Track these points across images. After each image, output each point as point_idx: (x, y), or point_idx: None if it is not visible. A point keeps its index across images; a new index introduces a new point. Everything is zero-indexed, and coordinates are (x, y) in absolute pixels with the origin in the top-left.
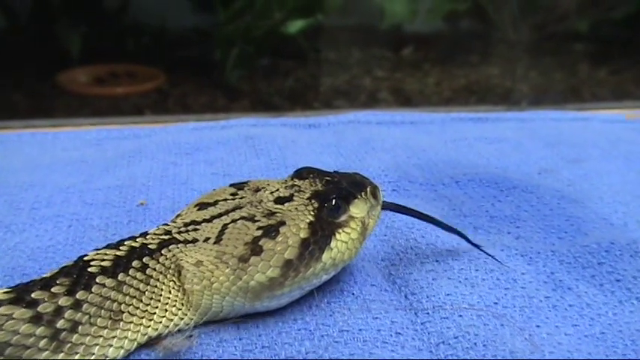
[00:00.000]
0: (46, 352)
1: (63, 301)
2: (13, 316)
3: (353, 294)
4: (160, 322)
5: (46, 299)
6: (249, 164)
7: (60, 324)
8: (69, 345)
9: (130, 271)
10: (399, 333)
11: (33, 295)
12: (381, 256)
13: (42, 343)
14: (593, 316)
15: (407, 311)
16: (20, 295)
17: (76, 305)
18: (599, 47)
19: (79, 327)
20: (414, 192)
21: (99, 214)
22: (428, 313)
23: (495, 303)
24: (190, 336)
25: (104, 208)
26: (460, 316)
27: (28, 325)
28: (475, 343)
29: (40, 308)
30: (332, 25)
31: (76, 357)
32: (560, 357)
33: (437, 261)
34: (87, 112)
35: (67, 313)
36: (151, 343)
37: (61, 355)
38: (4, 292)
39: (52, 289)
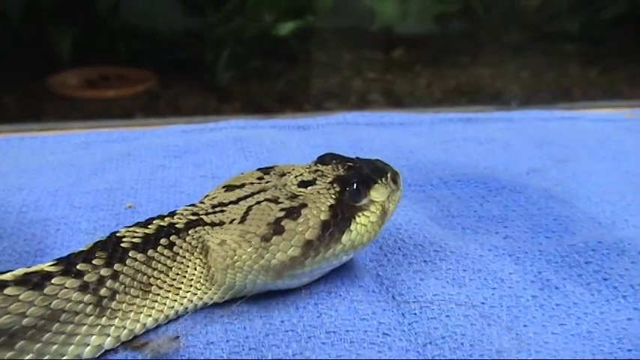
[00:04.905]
0: (92, 318)
1: (104, 271)
2: (66, 285)
3: (340, 295)
4: (185, 297)
5: (89, 270)
6: (237, 166)
7: (103, 292)
8: (109, 310)
9: (159, 248)
10: (387, 334)
11: (79, 267)
12: (369, 257)
13: (89, 309)
14: (580, 315)
15: (394, 312)
16: (67, 267)
17: (114, 276)
18: (589, 47)
19: (117, 295)
20: (402, 193)
21: (87, 217)
22: (415, 314)
23: (483, 303)
24: (177, 337)
25: (92, 211)
26: (447, 316)
27: (78, 293)
28: (462, 343)
29: (86, 278)
30: (323, 27)
31: (116, 321)
32: (547, 356)
33: (424, 261)
34: (77, 114)
35: (108, 283)
36: (138, 345)
37: (103, 320)
38: (51, 265)
39: (93, 261)
